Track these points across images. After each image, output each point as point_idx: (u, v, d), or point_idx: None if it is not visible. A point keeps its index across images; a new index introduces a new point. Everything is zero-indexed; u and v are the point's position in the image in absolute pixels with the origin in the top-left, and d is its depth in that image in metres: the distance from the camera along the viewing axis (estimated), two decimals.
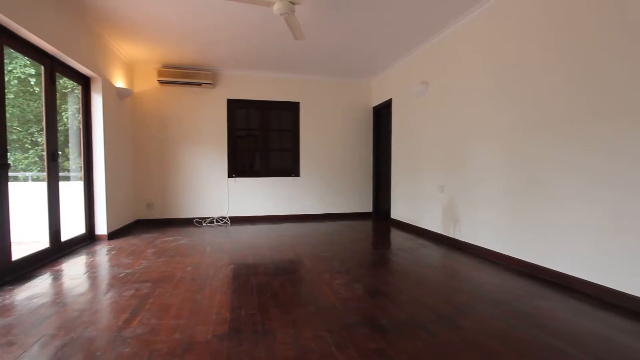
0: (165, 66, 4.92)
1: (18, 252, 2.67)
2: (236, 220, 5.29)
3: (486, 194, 3.19)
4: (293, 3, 2.68)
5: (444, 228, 3.85)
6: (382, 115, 5.67)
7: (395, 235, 4.28)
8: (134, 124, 4.93)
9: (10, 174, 2.56)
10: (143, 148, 5.00)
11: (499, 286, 2.43)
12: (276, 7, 2.69)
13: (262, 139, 5.50)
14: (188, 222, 5.12)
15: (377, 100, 5.63)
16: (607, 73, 2.14)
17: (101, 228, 3.94)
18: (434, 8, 3.20)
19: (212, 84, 5.01)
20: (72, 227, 3.58)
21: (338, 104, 5.71)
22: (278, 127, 5.57)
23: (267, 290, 2.35)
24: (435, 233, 4.00)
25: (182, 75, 4.83)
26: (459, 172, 3.57)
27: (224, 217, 5.27)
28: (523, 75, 2.76)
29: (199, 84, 4.95)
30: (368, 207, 5.93)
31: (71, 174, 4.40)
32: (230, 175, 5.32)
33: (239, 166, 5.41)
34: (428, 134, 4.15)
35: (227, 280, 2.55)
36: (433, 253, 3.39)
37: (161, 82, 4.82)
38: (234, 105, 5.32)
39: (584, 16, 2.28)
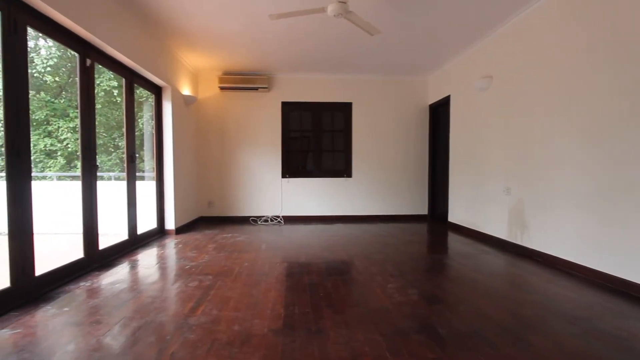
0: (225, 73, 5.24)
1: (103, 242, 3.04)
2: (289, 220, 5.43)
3: (565, 197, 2.84)
4: (343, 2, 2.68)
5: (509, 234, 3.53)
6: (439, 113, 5.40)
7: (453, 240, 4.04)
8: (197, 128, 5.33)
9: (97, 174, 2.93)
10: (205, 150, 5.39)
11: (577, 301, 2.15)
12: (330, 10, 2.71)
13: (315, 140, 5.58)
14: (244, 220, 5.39)
15: (434, 98, 5.38)
16: None
17: (170, 223, 4.33)
18: None
19: (267, 88, 5.22)
20: (145, 221, 3.98)
21: (392, 102, 5.57)
22: (330, 128, 5.61)
23: (319, 289, 2.36)
24: (499, 239, 3.69)
25: (240, 81, 5.11)
26: (529, 172, 3.25)
27: (278, 216, 5.45)
28: (626, 52, 2.37)
29: (256, 89, 5.19)
30: (423, 209, 5.69)
31: (145, 174, 4.91)
32: (283, 176, 5.48)
33: (292, 167, 5.56)
34: (492, 131, 3.85)
35: (281, 277, 2.63)
36: (496, 260, 3.13)
37: (222, 88, 5.15)
38: (287, 108, 5.48)
39: None
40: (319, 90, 5.47)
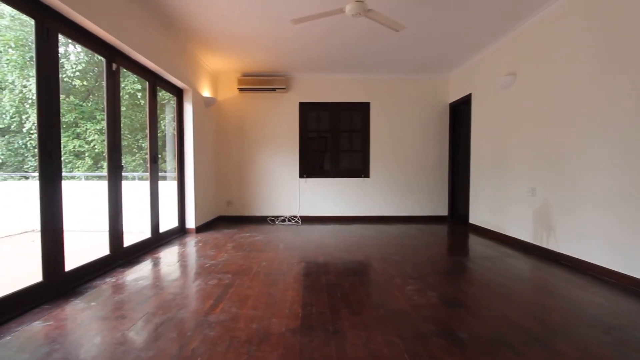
0: (244, 75, 5.32)
1: (128, 240, 3.15)
2: (306, 220, 5.45)
3: (595, 199, 2.71)
4: (361, 1, 2.65)
5: (534, 236, 3.40)
6: (459, 111, 5.27)
7: (475, 242, 3.93)
8: (217, 129, 5.44)
9: (122, 174, 3.03)
10: (224, 151, 5.48)
11: (609, 308, 2.05)
12: (348, 10, 2.69)
13: (332, 140, 5.57)
14: (262, 220, 5.45)
15: (454, 96, 5.26)
16: None
17: (190, 222, 4.43)
18: None
19: (285, 89, 5.26)
20: (167, 220, 4.09)
21: (411, 101, 5.49)
22: (348, 128, 5.59)
23: (337, 290, 2.35)
24: (523, 242, 3.56)
25: (258, 82, 5.17)
26: (556, 172, 3.12)
27: (295, 216, 5.47)
28: None
29: (274, 90, 5.24)
30: (443, 210, 5.57)
31: (167, 174, 5.04)
32: (301, 176, 5.50)
33: (309, 167, 5.57)
34: (516, 129, 3.72)
35: (299, 277, 2.64)
36: (521, 264, 3.02)
37: (241, 89, 5.22)
38: (305, 108, 5.50)
39: None
40: (337, 90, 5.46)
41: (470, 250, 3.59)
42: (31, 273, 2.17)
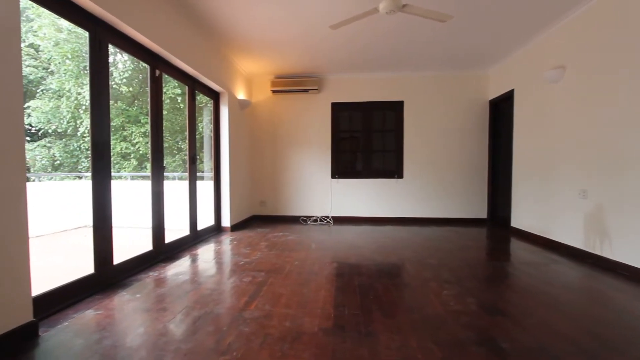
0: (277, 77, 5.42)
1: (168, 237, 3.32)
2: (338, 220, 5.43)
3: None
4: None
5: (585, 242, 3.14)
6: (500, 109, 5.01)
7: (517, 247, 3.71)
8: (251, 130, 5.58)
9: (164, 174, 3.20)
10: (257, 151, 5.62)
11: None
12: (382, 8, 2.65)
13: (365, 140, 5.52)
14: (295, 220, 5.51)
15: (495, 93, 5.00)
16: None
17: (225, 221, 4.58)
18: None
19: (317, 90, 5.29)
20: (204, 218, 4.26)
21: (447, 99, 5.29)
22: (381, 127, 5.50)
23: (369, 291, 2.32)
24: (573, 247, 3.30)
25: (291, 84, 5.24)
26: (610, 173, 2.86)
27: (327, 217, 5.48)
28: None
29: (306, 91, 5.29)
30: (481, 212, 5.32)
31: (204, 174, 5.26)
32: (333, 176, 5.50)
33: (341, 167, 5.55)
34: (565, 127, 3.46)
35: (331, 277, 2.63)
36: (569, 271, 2.80)
37: (274, 91, 5.33)
38: (337, 108, 5.49)
39: None
40: (369, 90, 5.40)
41: (512, 255, 3.39)
42: (84, 265, 2.35)
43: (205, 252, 3.43)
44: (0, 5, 1.54)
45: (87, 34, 2.30)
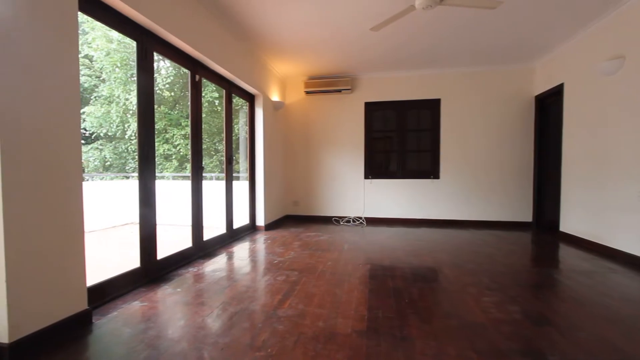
0: (310, 78, 5.46)
1: (206, 234, 3.46)
2: (371, 221, 5.36)
3: None
4: None
5: None
6: (547, 105, 4.67)
7: (567, 254, 3.44)
8: (284, 131, 5.67)
9: (203, 174, 3.34)
10: (291, 152, 5.70)
11: None
12: (418, 4, 2.58)
13: (399, 140, 5.39)
14: (327, 220, 5.52)
15: (542, 88, 4.67)
16: None
17: (260, 220, 4.69)
18: None
19: (350, 89, 5.26)
20: (240, 217, 4.39)
21: (487, 95, 5.03)
22: (416, 127, 5.35)
23: (404, 295, 2.26)
24: (633, 255, 3.00)
25: (324, 85, 5.26)
26: None
27: (360, 217, 5.43)
28: None
29: (339, 91, 5.28)
30: (526, 216, 4.99)
31: (240, 174, 5.43)
32: (366, 177, 5.44)
33: (375, 168, 5.48)
34: (622, 123, 3.16)
35: (364, 279, 2.60)
36: (629, 282, 2.55)
37: (307, 92, 5.37)
38: (370, 108, 5.42)
39: None
40: (404, 88, 5.27)
41: (561, 262, 3.14)
42: (131, 259, 2.51)
43: (241, 250, 3.54)
44: (63, 22, 1.69)
45: (134, 43, 2.45)
